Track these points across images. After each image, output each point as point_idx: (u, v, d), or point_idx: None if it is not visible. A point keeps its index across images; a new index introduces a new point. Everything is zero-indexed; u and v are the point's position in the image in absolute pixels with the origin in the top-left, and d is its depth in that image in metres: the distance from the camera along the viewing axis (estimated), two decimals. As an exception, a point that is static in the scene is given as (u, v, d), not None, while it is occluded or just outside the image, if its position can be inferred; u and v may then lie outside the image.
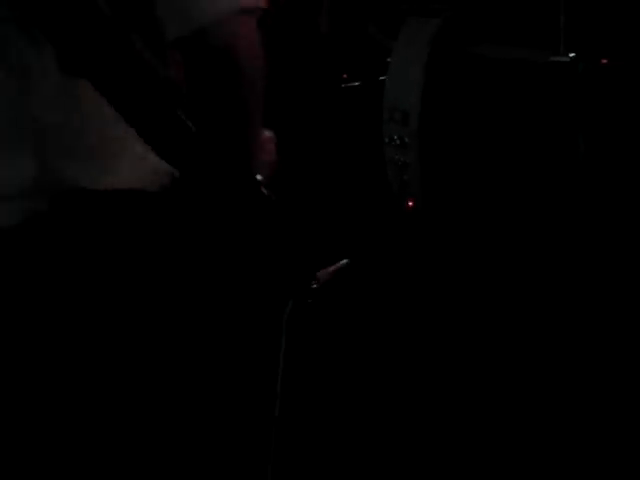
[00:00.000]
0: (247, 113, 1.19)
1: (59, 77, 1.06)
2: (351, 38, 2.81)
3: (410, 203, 2.39)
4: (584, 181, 2.33)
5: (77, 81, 1.05)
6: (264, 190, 1.19)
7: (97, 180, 1.11)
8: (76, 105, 1.09)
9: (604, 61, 2.29)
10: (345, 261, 1.29)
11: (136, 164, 1.13)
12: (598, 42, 2.35)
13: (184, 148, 1.09)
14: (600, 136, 2.32)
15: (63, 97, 1.08)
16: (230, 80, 1.14)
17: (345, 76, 2.72)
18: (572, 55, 2.29)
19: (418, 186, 2.36)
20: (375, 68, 2.67)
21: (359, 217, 2.54)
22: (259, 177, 1.19)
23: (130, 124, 1.05)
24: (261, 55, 1.15)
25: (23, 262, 1.12)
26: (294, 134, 2.30)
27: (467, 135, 2.42)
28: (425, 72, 2.38)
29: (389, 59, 2.55)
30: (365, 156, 2.61)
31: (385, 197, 2.55)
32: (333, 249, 1.45)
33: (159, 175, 1.15)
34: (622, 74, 2.31)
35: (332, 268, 1.28)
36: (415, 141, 2.38)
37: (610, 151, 2.32)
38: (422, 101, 2.38)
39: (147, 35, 1.09)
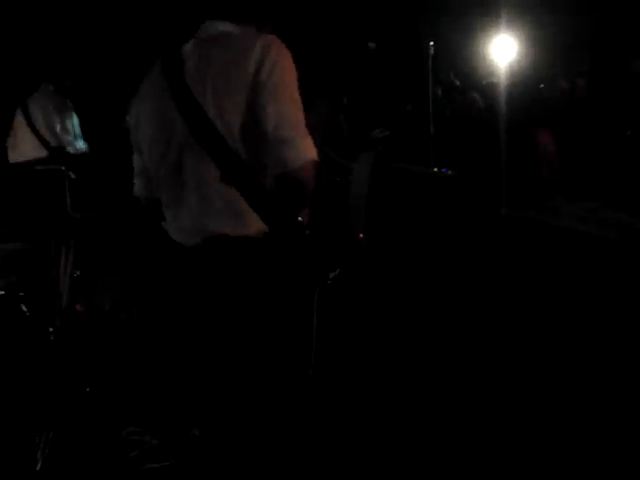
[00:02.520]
0: (304, 204, 2.02)
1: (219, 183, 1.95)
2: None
3: (361, 235, 4.84)
4: (441, 232, 4.70)
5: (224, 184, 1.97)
6: (306, 231, 1.99)
7: (232, 229, 1.99)
8: (223, 192, 1.96)
9: (450, 172, 4.78)
10: (338, 270, 2.11)
11: (247, 225, 1.97)
12: (447, 163, 4.81)
13: (274, 218, 1.96)
14: (449, 209, 4.73)
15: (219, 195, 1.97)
16: (300, 192, 1.96)
17: (333, 177, 5.16)
18: (435, 169, 4.79)
19: (363, 227, 4.85)
20: (344, 174, 5.11)
21: (338, 243, 4.74)
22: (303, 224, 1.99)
23: (250, 204, 1.94)
24: (314, 180, 1.97)
25: (189, 271, 2.05)
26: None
27: (388, 204, 4.93)
28: (370, 176, 4.88)
29: (353, 167, 5.08)
30: (341, 214, 4.93)
31: (349, 232, 4.80)
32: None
33: (260, 229, 1.96)
34: (458, 179, 4.78)
35: (333, 274, 2.08)
36: (363, 208, 4.86)
37: (455, 217, 4.72)
38: (368, 189, 4.85)
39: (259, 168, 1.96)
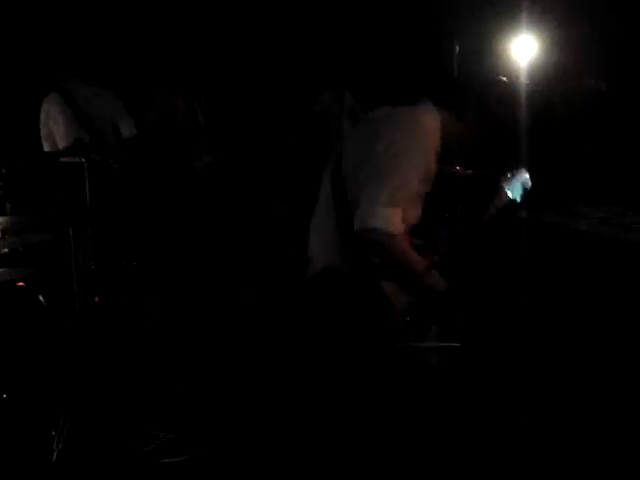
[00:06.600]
0: (385, 266, 2.27)
1: None
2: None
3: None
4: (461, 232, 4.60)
5: None
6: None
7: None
8: None
9: (471, 172, 4.73)
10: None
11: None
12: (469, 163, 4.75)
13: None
14: (469, 209, 4.67)
15: None
16: (373, 251, 2.25)
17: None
18: (457, 168, 4.70)
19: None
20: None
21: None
22: None
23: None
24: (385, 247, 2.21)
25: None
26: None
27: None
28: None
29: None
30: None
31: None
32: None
33: None
34: (479, 179, 4.72)
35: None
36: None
37: (473, 210, 4.69)
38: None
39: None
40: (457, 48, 4.36)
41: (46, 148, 4.43)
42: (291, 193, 5.34)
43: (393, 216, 2.19)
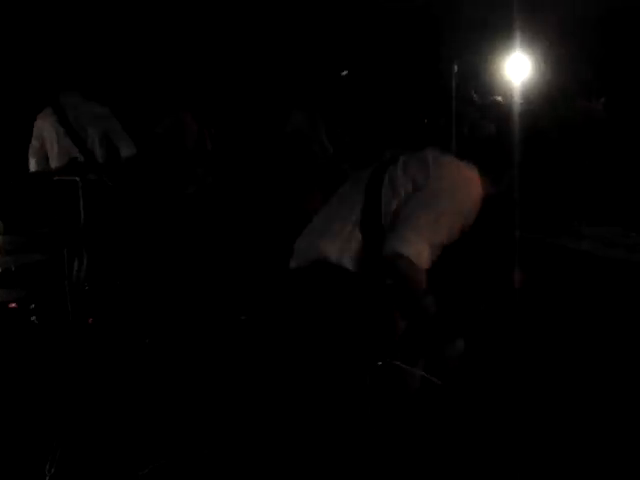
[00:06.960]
0: (406, 292, 2.28)
1: None
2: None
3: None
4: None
5: None
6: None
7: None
8: None
9: None
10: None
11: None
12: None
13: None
14: None
15: None
16: (398, 280, 2.26)
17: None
18: None
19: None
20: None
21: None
22: None
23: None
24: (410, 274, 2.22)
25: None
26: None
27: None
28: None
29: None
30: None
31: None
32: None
33: None
34: None
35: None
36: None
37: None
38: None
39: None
40: (456, 68, 4.38)
41: (32, 165, 4.40)
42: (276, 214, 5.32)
43: (425, 251, 2.23)
